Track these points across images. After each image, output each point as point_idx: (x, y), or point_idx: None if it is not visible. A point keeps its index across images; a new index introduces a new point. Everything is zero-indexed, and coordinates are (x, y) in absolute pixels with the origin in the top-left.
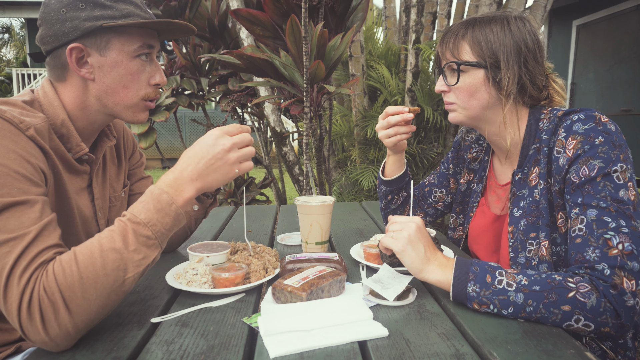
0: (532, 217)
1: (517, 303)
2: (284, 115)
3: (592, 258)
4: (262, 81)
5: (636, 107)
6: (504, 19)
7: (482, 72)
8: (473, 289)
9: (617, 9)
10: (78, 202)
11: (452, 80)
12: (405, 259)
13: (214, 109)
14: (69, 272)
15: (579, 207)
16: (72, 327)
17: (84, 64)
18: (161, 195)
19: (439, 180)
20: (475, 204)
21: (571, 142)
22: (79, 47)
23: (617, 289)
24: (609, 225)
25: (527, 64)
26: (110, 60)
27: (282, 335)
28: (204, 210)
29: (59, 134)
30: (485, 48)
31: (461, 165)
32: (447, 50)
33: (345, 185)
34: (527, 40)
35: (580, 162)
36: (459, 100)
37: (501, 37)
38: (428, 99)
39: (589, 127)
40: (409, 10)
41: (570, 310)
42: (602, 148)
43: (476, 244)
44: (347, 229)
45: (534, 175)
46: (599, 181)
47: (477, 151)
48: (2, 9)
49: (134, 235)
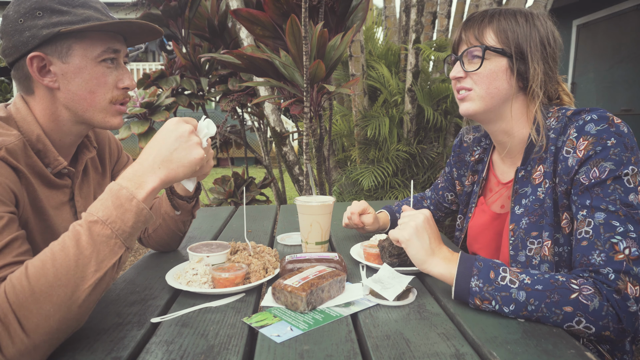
0: (534, 216)
1: (519, 301)
2: (284, 115)
3: (597, 262)
4: (262, 81)
5: (636, 107)
6: (528, 13)
7: (505, 60)
8: (476, 284)
9: (617, 9)
10: (58, 217)
11: (472, 66)
12: (410, 249)
13: (213, 109)
14: (20, 289)
15: (587, 210)
16: (32, 348)
17: (46, 73)
18: (120, 191)
19: (447, 184)
20: (474, 204)
21: (582, 143)
22: (39, 56)
23: (620, 294)
24: (616, 230)
25: (549, 62)
26: (73, 66)
27: None
28: (189, 213)
29: (36, 150)
30: (511, 37)
31: (464, 168)
32: (472, 35)
33: (345, 185)
34: (550, 39)
35: (591, 164)
36: (478, 87)
37: (527, 30)
38: (428, 99)
39: (601, 128)
40: (409, 10)
41: (572, 311)
42: (614, 150)
43: (476, 242)
44: (347, 229)
45: (537, 173)
46: (609, 184)
47: (479, 152)
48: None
49: (89, 236)
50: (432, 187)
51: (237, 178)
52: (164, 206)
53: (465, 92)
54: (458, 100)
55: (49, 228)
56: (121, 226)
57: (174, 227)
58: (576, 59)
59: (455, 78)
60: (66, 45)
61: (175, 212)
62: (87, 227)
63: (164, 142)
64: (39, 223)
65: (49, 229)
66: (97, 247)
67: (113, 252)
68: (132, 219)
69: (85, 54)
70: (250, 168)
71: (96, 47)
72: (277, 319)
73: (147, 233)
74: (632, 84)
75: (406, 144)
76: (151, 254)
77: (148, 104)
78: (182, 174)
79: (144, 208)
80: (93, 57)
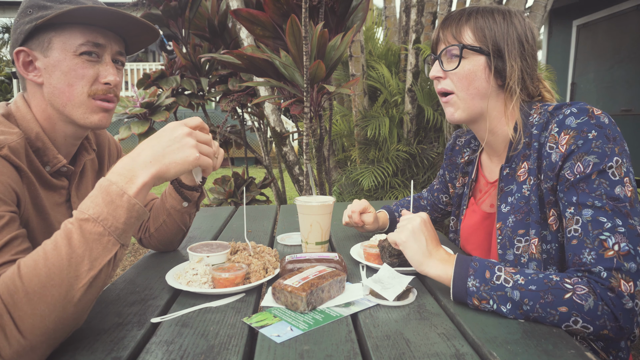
0: (520, 214)
1: (514, 300)
2: (284, 115)
3: (588, 261)
4: (262, 81)
5: (636, 107)
6: (505, 11)
7: (483, 58)
8: (473, 284)
9: (617, 9)
10: (56, 217)
11: (451, 65)
12: (407, 250)
13: (214, 109)
14: (13, 289)
15: (574, 207)
16: (29, 349)
17: (33, 68)
18: (110, 187)
19: (441, 187)
20: (465, 205)
21: (564, 137)
22: (24, 51)
23: (614, 292)
24: (604, 226)
25: (527, 59)
26: (53, 59)
27: None
28: (195, 205)
29: (35, 148)
30: (488, 35)
31: (455, 171)
32: (449, 34)
33: (345, 185)
34: (528, 36)
35: (575, 159)
36: (458, 88)
37: (504, 28)
38: (428, 99)
39: (581, 121)
40: (409, 10)
41: (568, 311)
42: (596, 142)
43: (469, 243)
44: (347, 229)
45: (522, 170)
46: (594, 179)
47: (468, 154)
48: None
49: (80, 235)
50: (428, 188)
51: (237, 178)
52: (169, 200)
53: (448, 96)
54: (442, 104)
55: (49, 227)
56: (113, 223)
57: (179, 220)
58: (576, 59)
59: (435, 77)
60: (47, 38)
61: (183, 203)
62: (79, 226)
63: (158, 140)
64: (40, 222)
65: (50, 229)
66: (89, 245)
67: (107, 250)
68: (124, 215)
69: (65, 47)
70: (250, 168)
71: (75, 39)
72: (277, 319)
73: (148, 233)
74: (632, 84)
75: (406, 144)
76: (151, 254)
77: (148, 104)
78: (173, 172)
79: (135, 203)
80: (72, 49)
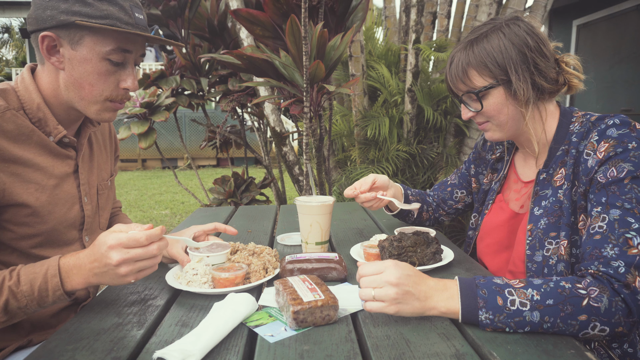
0: (553, 217)
1: (534, 322)
2: (284, 115)
3: (609, 254)
4: (262, 81)
5: (636, 107)
6: (496, 29)
7: (500, 89)
8: (486, 317)
9: (617, 9)
10: (62, 187)
11: (476, 105)
12: (405, 313)
13: (213, 109)
14: None
15: (602, 206)
16: None
17: (55, 52)
18: (54, 279)
19: (460, 182)
20: (491, 201)
21: (603, 145)
22: (51, 37)
23: (629, 288)
24: (631, 226)
25: (536, 65)
26: (80, 55)
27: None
28: None
29: (36, 119)
30: (492, 67)
31: (483, 166)
32: (459, 82)
33: (345, 185)
34: (528, 41)
35: (610, 164)
36: (491, 118)
37: (502, 48)
38: (428, 99)
39: (623, 132)
40: (409, 10)
41: (587, 318)
42: (635, 153)
43: (487, 237)
44: (347, 229)
45: (559, 176)
46: (626, 183)
47: (501, 151)
48: (2, 9)
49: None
50: (436, 185)
51: (237, 178)
52: None
53: (484, 123)
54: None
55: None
56: (34, 306)
57: None
58: None
59: (468, 118)
60: (79, 34)
61: None
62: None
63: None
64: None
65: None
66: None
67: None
68: (48, 302)
69: (94, 47)
70: (250, 168)
71: (106, 44)
72: (272, 318)
73: None
74: (632, 84)
75: (406, 144)
76: None
77: (148, 104)
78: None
79: (63, 298)
80: (100, 52)
